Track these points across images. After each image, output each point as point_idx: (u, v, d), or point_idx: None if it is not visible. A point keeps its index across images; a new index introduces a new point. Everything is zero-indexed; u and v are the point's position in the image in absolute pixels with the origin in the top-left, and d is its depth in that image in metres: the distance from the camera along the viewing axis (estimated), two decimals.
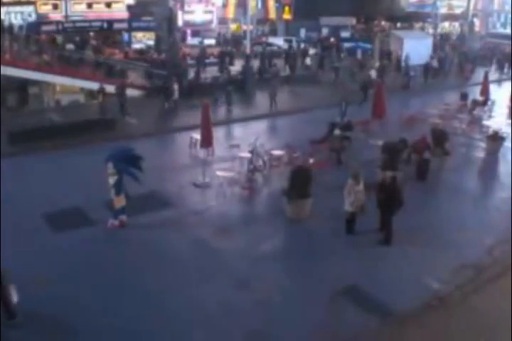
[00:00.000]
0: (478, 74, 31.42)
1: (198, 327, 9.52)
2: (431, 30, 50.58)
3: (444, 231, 13.24)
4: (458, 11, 52.98)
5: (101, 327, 9.41)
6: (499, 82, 34.20)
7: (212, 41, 42.98)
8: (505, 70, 37.31)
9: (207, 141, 16.26)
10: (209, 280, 11.03)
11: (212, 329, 9.48)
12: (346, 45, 44.18)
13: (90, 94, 27.62)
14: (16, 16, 36.48)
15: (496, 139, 19.58)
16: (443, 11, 52.41)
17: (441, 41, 46.34)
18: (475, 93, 26.58)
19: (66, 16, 37.84)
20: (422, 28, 55.43)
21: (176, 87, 25.28)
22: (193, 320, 9.74)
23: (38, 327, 9.33)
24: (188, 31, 43.75)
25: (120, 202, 13.08)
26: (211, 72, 32.74)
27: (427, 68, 34.05)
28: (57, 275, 10.88)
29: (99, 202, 13.96)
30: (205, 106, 16.33)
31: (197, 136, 17.59)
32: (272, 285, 10.84)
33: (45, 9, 37.60)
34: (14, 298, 9.11)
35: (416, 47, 37.57)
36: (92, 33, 38.93)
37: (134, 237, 12.83)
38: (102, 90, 23.84)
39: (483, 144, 20.30)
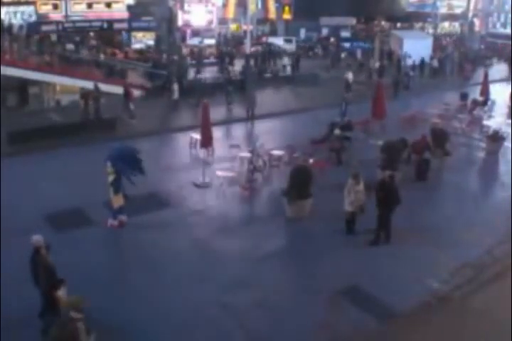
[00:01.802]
0: (479, 74, 31.45)
1: (197, 327, 9.51)
2: (431, 30, 50.67)
3: (444, 231, 13.22)
4: (458, 11, 53.07)
5: (101, 326, 9.40)
6: (502, 81, 34.20)
7: (212, 41, 43.01)
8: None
9: (207, 141, 16.26)
10: (209, 279, 11.02)
11: (212, 329, 9.47)
12: (346, 45, 44.27)
13: None
14: (16, 16, 36.49)
15: (495, 139, 19.57)
16: (443, 11, 52.54)
17: (440, 41, 46.38)
18: (475, 93, 26.59)
19: (66, 16, 37.88)
20: (422, 28, 55.51)
21: (176, 87, 25.26)
22: (193, 319, 9.73)
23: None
24: (188, 31, 43.76)
25: (118, 201, 13.03)
26: (211, 72, 32.76)
27: (422, 67, 34.09)
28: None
29: (100, 202, 13.92)
30: (205, 106, 16.32)
31: (197, 135, 17.60)
32: (271, 286, 10.83)
33: (45, 9, 37.63)
34: None
35: (416, 47, 37.61)
36: (92, 33, 38.98)
37: (134, 237, 12.81)
38: (87, 94, 23.79)
39: (483, 144, 20.30)
